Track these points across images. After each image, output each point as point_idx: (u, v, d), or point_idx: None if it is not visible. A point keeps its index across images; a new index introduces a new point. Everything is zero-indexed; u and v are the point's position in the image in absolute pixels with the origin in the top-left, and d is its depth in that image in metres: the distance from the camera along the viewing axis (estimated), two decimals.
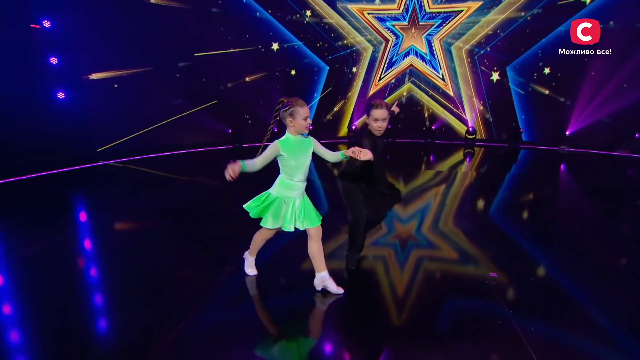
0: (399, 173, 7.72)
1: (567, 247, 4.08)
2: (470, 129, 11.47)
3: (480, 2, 10.91)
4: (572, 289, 3.17)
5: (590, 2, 9.75)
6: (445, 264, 3.66)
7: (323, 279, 2.94)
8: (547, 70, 10.67)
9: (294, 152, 2.75)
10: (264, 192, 2.89)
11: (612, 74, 9.86)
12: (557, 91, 10.73)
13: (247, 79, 10.96)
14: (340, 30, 11.76)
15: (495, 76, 11.29)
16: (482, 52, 11.31)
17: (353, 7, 11.57)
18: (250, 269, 3.24)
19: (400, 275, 3.33)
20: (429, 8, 11.49)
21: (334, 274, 3.04)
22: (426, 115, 12.26)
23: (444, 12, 11.38)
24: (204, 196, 6.09)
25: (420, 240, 4.20)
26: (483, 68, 11.41)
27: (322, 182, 6.95)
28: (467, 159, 9.57)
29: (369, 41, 12.03)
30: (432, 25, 11.62)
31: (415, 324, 2.62)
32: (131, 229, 4.57)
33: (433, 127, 12.07)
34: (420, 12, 11.57)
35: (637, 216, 5.30)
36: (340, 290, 2.94)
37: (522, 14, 10.64)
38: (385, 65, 12.23)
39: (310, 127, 2.81)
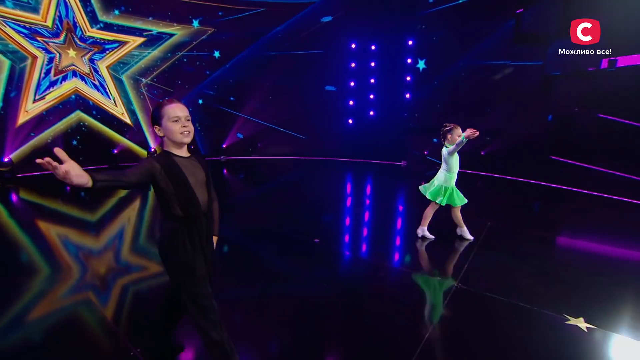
0: (83, 205, 7.36)
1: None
2: (152, 150, 12.62)
3: (144, 39, 12.11)
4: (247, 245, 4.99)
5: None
6: (154, 279, 3.93)
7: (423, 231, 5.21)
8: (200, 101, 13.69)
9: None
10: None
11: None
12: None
13: None
14: None
15: None
16: (148, 82, 12.60)
17: None
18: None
19: (108, 308, 3.29)
20: (88, 32, 11.29)
21: None
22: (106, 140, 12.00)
23: (108, 40, 11.59)
24: None
25: (123, 266, 4.27)
26: (151, 96, 12.74)
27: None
28: None
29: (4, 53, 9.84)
30: (96, 49, 11.49)
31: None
32: None
33: (114, 152, 12.09)
34: (76, 33, 11.11)
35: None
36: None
37: (179, 53, 12.93)
38: (36, 87, 10.62)
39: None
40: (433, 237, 5.13)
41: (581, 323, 3.03)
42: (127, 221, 6.40)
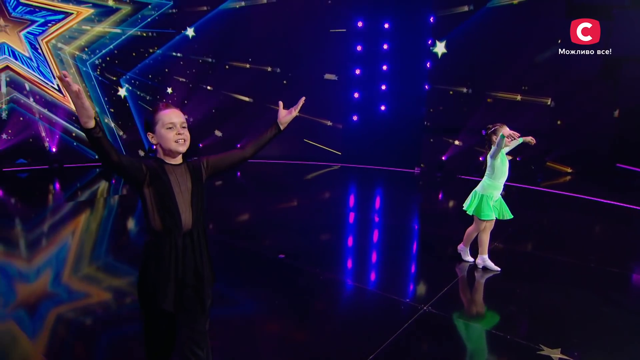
0: (14, 214, 6.36)
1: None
2: None
3: (91, 10, 9.79)
4: None
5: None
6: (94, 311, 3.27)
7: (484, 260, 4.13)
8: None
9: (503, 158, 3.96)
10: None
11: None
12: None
13: None
14: None
15: (122, 92, 10.64)
16: (101, 63, 10.29)
17: None
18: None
19: (35, 345, 2.76)
20: None
21: None
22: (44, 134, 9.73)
23: (47, 10, 9.31)
24: None
25: (60, 293, 3.63)
26: (104, 79, 10.40)
27: None
28: (113, 181, 8.93)
29: None
30: (34, 23, 9.22)
31: None
32: None
33: (53, 150, 9.81)
34: (9, 1, 8.86)
35: None
36: (498, 269, 4.03)
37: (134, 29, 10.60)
38: None
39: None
40: (499, 269, 4.10)
41: (556, 354, 2.77)
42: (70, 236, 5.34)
